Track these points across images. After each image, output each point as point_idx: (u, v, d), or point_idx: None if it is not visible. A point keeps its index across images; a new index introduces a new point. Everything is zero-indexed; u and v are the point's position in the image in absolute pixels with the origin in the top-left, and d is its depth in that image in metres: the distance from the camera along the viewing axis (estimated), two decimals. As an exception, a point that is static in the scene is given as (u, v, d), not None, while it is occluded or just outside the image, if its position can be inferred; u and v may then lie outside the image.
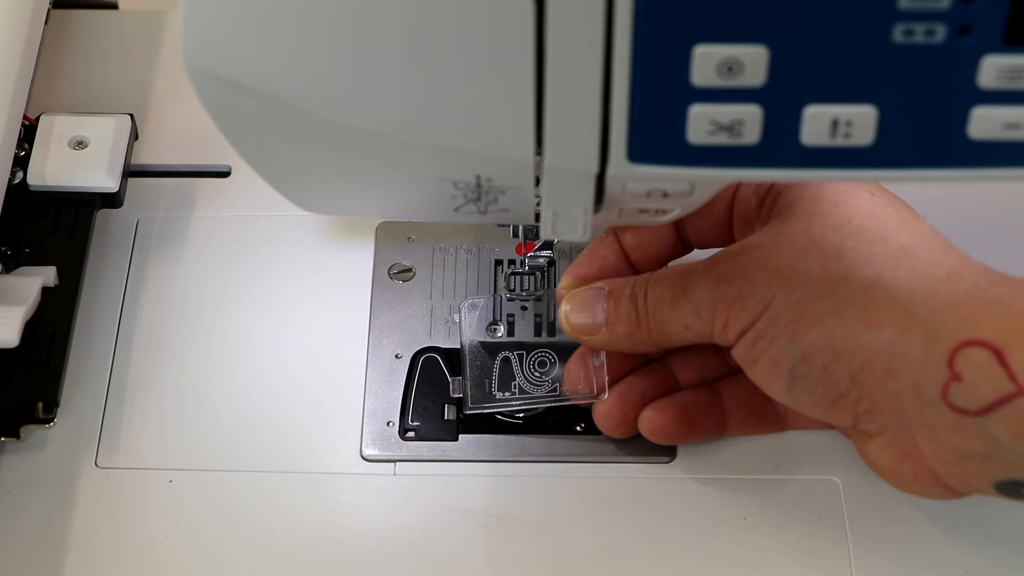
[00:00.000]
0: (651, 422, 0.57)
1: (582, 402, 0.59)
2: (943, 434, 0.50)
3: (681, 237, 0.58)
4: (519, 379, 0.60)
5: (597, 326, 0.56)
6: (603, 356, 0.58)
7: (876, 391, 0.51)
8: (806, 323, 0.51)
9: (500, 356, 0.61)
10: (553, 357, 0.61)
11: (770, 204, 0.55)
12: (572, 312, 0.57)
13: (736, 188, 0.56)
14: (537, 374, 0.60)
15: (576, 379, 0.58)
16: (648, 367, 0.59)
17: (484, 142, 0.45)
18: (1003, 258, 0.64)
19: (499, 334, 0.61)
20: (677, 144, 0.43)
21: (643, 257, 0.58)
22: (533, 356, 0.61)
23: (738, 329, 0.52)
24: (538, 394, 0.60)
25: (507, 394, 0.60)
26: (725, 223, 0.57)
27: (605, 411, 0.58)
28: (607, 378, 0.58)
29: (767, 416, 0.58)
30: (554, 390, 0.60)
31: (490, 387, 0.60)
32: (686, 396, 0.58)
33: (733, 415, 0.58)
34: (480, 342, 0.61)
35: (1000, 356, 0.48)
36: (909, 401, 0.50)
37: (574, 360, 0.59)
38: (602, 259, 0.58)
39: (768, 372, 0.52)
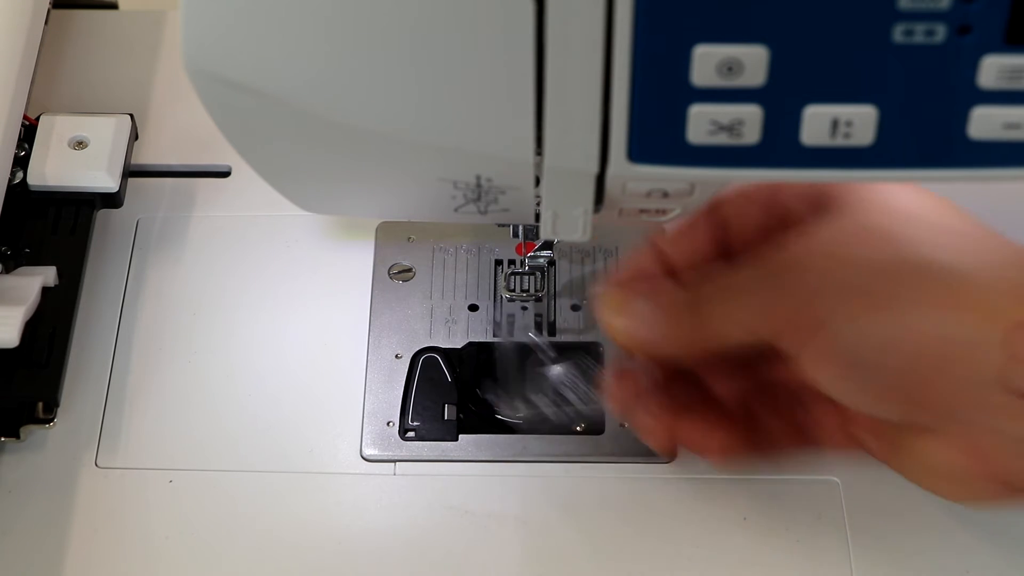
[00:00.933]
0: (706, 438, 0.56)
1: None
2: (1002, 422, 0.49)
3: (725, 250, 0.57)
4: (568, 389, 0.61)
5: (642, 326, 0.55)
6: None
7: (933, 376, 0.50)
8: (862, 308, 0.50)
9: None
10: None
11: (820, 205, 0.54)
12: (615, 312, 0.55)
13: (777, 191, 0.56)
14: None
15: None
16: (680, 381, 0.57)
17: (484, 142, 0.45)
18: (1003, 258, 0.64)
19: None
20: (677, 144, 0.43)
21: (685, 264, 0.57)
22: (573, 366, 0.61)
23: (798, 326, 0.51)
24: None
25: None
26: (765, 230, 0.56)
27: (650, 429, 0.57)
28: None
29: (797, 435, 0.57)
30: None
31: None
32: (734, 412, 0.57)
33: (766, 431, 0.56)
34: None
35: None
36: (967, 387, 0.49)
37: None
38: (643, 266, 0.57)
39: (821, 361, 0.51)
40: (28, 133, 0.64)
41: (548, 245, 0.63)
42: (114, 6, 0.75)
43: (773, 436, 0.56)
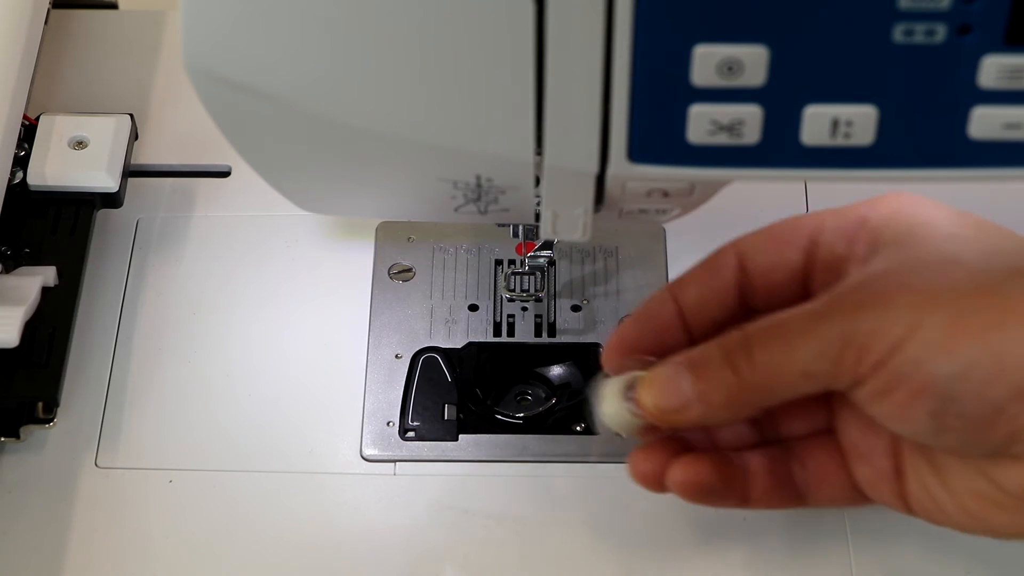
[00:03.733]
0: (685, 473, 0.52)
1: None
2: None
3: (745, 299, 0.53)
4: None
5: (688, 403, 0.50)
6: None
7: None
8: (965, 338, 0.46)
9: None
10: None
11: (869, 242, 0.51)
12: (656, 396, 0.51)
13: (815, 235, 0.52)
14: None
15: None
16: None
17: (484, 142, 0.45)
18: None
19: None
20: (677, 144, 0.43)
21: (702, 319, 0.53)
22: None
23: (874, 359, 0.47)
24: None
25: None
26: (800, 275, 0.53)
27: (635, 463, 0.53)
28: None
29: (790, 491, 0.54)
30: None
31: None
32: (719, 455, 0.53)
33: (757, 484, 0.53)
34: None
35: None
36: None
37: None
38: (656, 319, 0.53)
39: (909, 401, 0.47)
40: (28, 133, 0.64)
41: (548, 245, 0.63)
42: (114, 6, 0.75)
43: (763, 487, 0.54)
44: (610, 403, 0.52)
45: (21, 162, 0.63)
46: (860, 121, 0.42)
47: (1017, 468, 0.48)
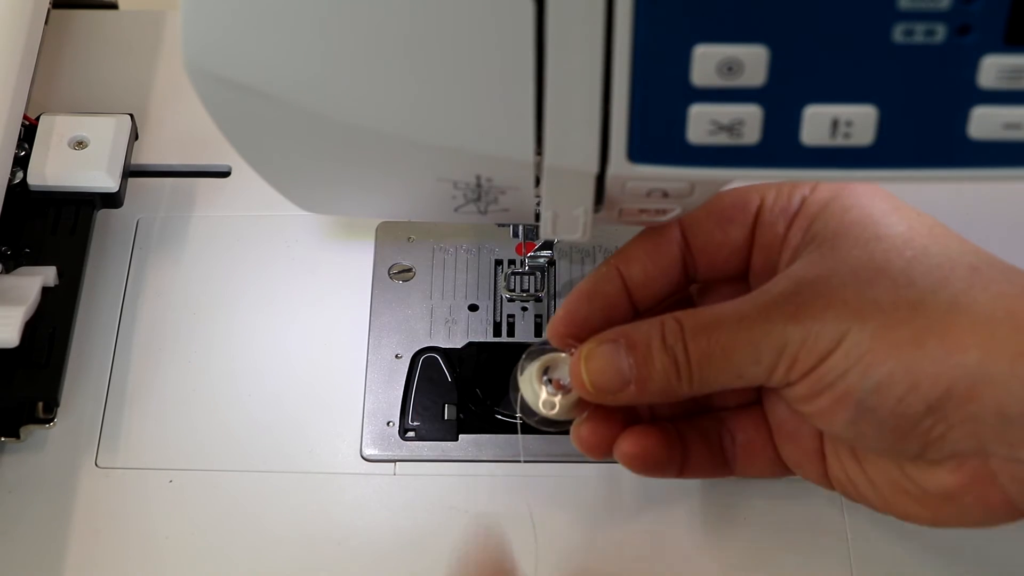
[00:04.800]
0: (634, 445, 0.53)
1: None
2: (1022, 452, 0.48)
3: (688, 270, 0.55)
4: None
5: (625, 383, 0.51)
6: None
7: (954, 416, 0.48)
8: (882, 355, 0.48)
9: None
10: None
11: (804, 228, 0.52)
12: (595, 375, 0.52)
13: (757, 214, 0.53)
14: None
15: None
16: None
17: (484, 142, 0.45)
18: (1003, 259, 0.64)
19: None
20: (677, 144, 0.43)
21: (647, 294, 0.54)
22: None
23: (803, 369, 0.49)
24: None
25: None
26: (742, 252, 0.54)
27: (584, 436, 0.54)
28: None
29: (720, 461, 0.55)
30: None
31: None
32: (663, 427, 0.54)
33: (692, 455, 0.55)
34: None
35: None
36: (989, 423, 0.47)
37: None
38: (603, 296, 0.54)
39: (832, 406, 0.49)
40: (28, 133, 0.64)
41: (548, 245, 0.63)
42: (114, 6, 0.75)
43: (697, 459, 0.55)
44: (531, 384, 0.54)
45: (21, 162, 0.63)
46: (860, 121, 0.42)
47: (932, 471, 0.50)
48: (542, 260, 0.63)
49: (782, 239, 0.53)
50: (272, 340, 0.63)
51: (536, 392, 0.54)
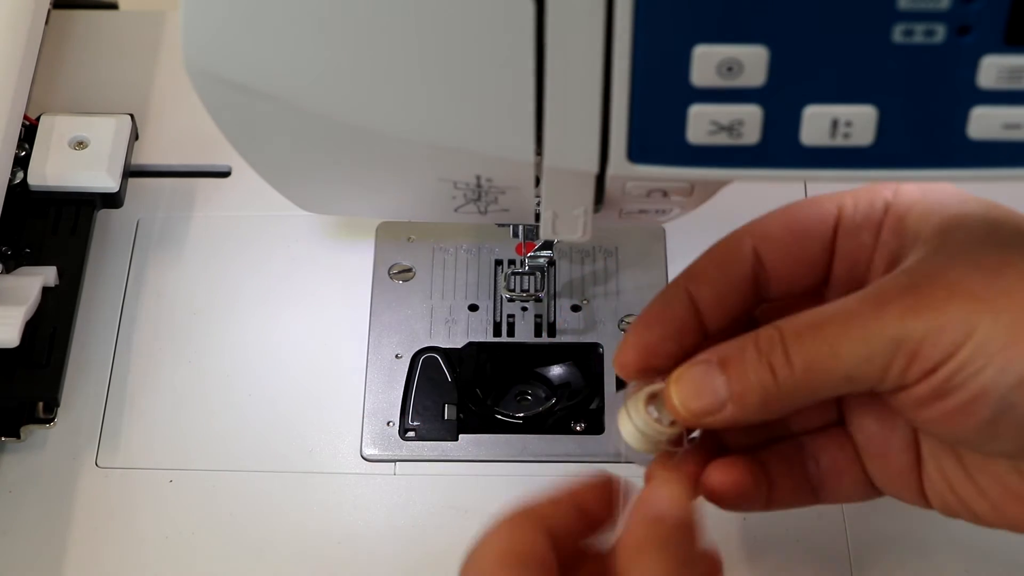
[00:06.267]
0: (723, 480, 0.50)
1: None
2: None
3: (760, 290, 0.51)
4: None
5: (721, 404, 0.47)
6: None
7: None
8: (1023, 347, 0.44)
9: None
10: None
11: (896, 231, 0.49)
12: (688, 397, 0.48)
13: (836, 225, 0.50)
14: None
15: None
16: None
17: (484, 142, 0.45)
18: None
19: None
20: (677, 144, 0.43)
21: (718, 315, 0.50)
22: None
23: (926, 367, 0.45)
24: None
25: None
26: (821, 266, 0.51)
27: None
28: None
29: (806, 489, 0.52)
30: None
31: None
32: (748, 458, 0.51)
33: (778, 485, 0.51)
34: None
35: None
36: None
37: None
38: (673, 322, 0.50)
39: (963, 408, 0.45)
40: (28, 133, 0.64)
41: (548, 245, 0.63)
42: (114, 6, 0.75)
43: (782, 488, 0.52)
44: (632, 419, 0.49)
45: (22, 162, 0.63)
46: (860, 121, 0.42)
47: None
48: (542, 260, 0.63)
49: (871, 248, 0.50)
50: (272, 340, 0.63)
51: (642, 422, 0.49)
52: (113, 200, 0.64)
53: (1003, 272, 0.45)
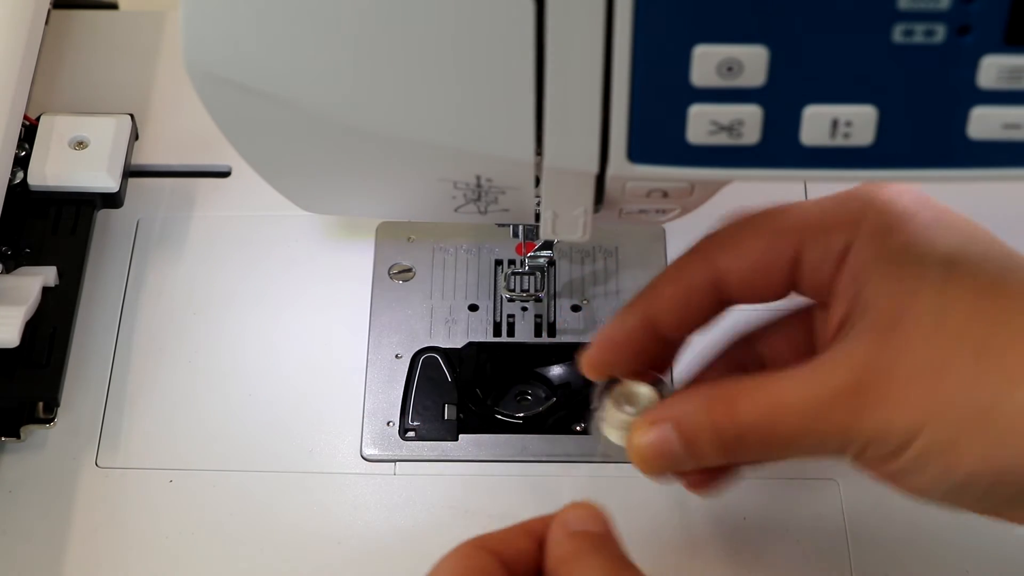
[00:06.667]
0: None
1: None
2: None
3: (722, 301, 0.51)
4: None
5: (677, 463, 0.49)
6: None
7: None
8: (965, 456, 0.45)
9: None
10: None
11: (854, 276, 0.48)
12: (647, 455, 0.50)
13: (797, 254, 0.49)
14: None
15: None
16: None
17: (484, 142, 0.45)
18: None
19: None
20: (677, 144, 0.43)
21: (679, 329, 0.51)
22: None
23: (877, 456, 0.47)
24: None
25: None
26: (781, 279, 0.50)
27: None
28: None
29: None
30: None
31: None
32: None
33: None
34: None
35: None
36: None
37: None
38: (632, 345, 0.51)
39: (920, 489, 0.47)
40: (28, 133, 0.64)
41: (548, 245, 0.63)
42: (114, 6, 0.75)
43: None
44: (609, 420, 0.51)
45: (22, 162, 0.63)
46: (860, 121, 0.42)
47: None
48: (542, 260, 0.63)
49: (829, 283, 0.49)
50: (272, 340, 0.63)
51: (618, 424, 0.51)
52: (113, 200, 0.64)
53: (944, 376, 0.45)
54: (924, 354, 0.46)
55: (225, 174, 0.68)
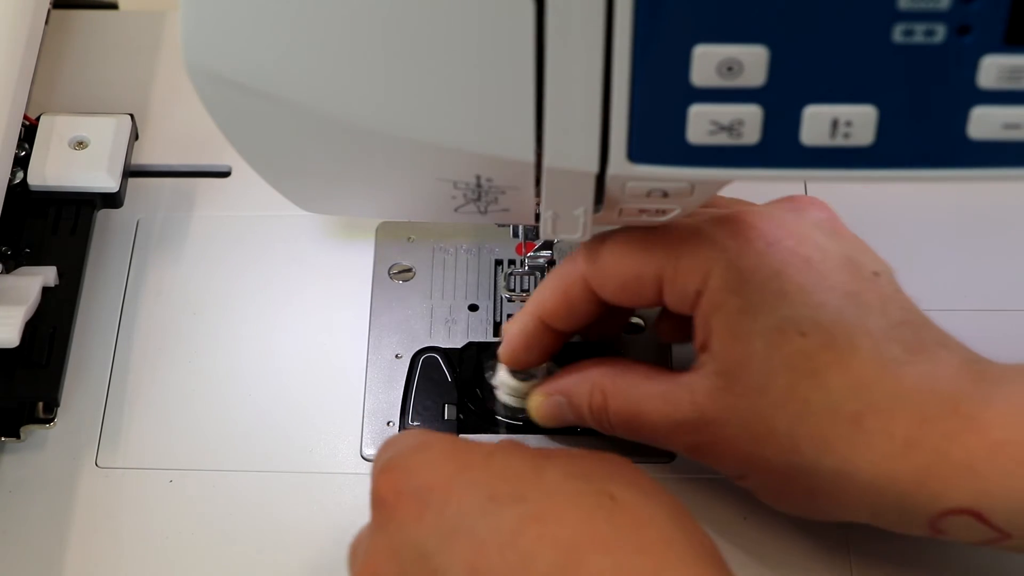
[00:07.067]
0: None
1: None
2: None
3: (601, 299, 0.55)
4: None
5: (567, 423, 0.58)
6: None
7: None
8: (783, 505, 0.54)
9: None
10: None
11: (702, 327, 0.52)
12: (544, 417, 0.58)
13: (660, 286, 0.53)
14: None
15: None
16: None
17: (484, 142, 0.45)
18: (1003, 259, 0.64)
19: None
20: (677, 144, 0.43)
21: (573, 327, 0.57)
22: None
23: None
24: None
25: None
26: (650, 297, 0.54)
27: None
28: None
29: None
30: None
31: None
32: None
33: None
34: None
35: (980, 517, 0.49)
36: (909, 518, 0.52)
37: None
38: (539, 345, 0.57)
39: (780, 486, 0.54)
40: (28, 133, 0.64)
41: (548, 245, 0.63)
42: (114, 6, 0.75)
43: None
44: (507, 385, 0.59)
45: (21, 162, 0.63)
46: (860, 121, 0.42)
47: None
48: (542, 260, 0.63)
49: (692, 303, 0.53)
50: (272, 340, 0.63)
51: (510, 386, 0.59)
52: (113, 200, 0.64)
53: (765, 442, 0.52)
54: (750, 416, 0.51)
55: (225, 174, 0.68)
